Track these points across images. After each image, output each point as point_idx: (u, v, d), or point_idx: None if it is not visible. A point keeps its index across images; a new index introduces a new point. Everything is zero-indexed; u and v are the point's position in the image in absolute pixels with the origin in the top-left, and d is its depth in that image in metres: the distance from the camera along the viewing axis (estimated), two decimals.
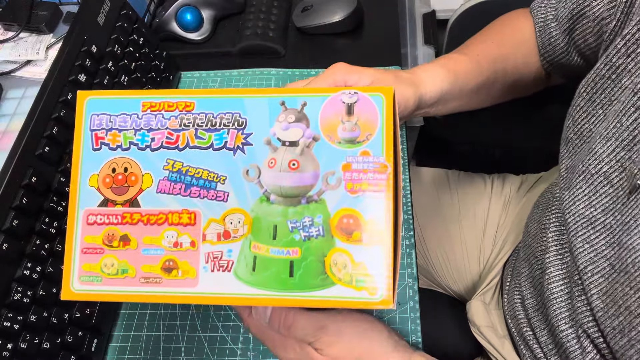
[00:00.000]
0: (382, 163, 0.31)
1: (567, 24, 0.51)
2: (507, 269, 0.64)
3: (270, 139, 0.32)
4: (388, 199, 0.31)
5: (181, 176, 0.33)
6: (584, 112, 0.46)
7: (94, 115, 0.33)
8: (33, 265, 0.41)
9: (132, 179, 0.33)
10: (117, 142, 0.33)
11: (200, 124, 0.32)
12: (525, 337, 0.54)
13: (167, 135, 0.33)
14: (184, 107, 0.33)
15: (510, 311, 0.58)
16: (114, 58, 0.54)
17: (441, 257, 0.71)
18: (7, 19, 0.67)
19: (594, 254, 0.42)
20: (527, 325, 0.54)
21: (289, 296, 0.31)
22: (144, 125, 0.33)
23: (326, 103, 0.32)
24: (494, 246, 0.69)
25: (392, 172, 0.31)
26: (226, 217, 0.32)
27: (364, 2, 0.72)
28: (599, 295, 0.41)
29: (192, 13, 0.70)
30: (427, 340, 0.47)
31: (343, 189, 0.31)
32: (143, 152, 0.33)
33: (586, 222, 0.43)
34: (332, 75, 0.46)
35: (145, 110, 0.33)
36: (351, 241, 0.31)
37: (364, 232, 0.31)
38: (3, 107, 0.62)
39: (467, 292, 0.71)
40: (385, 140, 0.31)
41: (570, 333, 0.46)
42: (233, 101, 0.32)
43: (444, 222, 0.72)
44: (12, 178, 0.41)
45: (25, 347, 0.39)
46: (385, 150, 0.31)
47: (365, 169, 0.31)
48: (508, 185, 0.73)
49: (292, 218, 0.32)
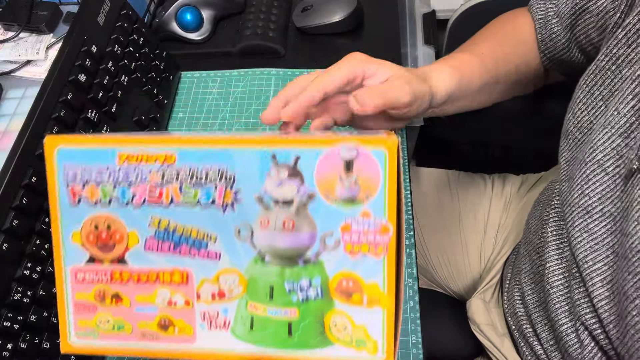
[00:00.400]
0: (383, 225, 0.29)
1: (569, 20, 0.51)
2: (507, 268, 0.64)
3: (262, 197, 0.29)
4: (390, 262, 0.29)
5: (169, 234, 0.31)
6: (584, 104, 0.46)
7: (67, 165, 0.31)
8: (33, 265, 0.41)
9: (117, 237, 0.31)
10: (95, 197, 0.31)
11: (184, 178, 0.30)
12: (525, 335, 0.54)
13: (149, 190, 0.30)
14: (164, 159, 0.30)
15: (510, 309, 0.59)
16: (114, 58, 0.54)
17: (441, 257, 0.71)
18: (7, 19, 0.67)
19: (594, 243, 0.42)
20: (527, 322, 0.54)
21: (288, 354, 0.30)
22: (122, 179, 0.30)
23: (322, 158, 0.28)
24: (494, 246, 0.69)
25: (394, 234, 0.29)
26: (220, 276, 0.31)
27: (364, 2, 0.72)
28: (603, 284, 0.41)
29: (192, 13, 0.70)
30: (427, 340, 0.47)
31: (342, 251, 0.29)
32: (125, 208, 0.31)
33: (582, 211, 0.43)
34: (348, 64, 0.43)
35: (122, 162, 0.30)
36: (351, 303, 0.30)
37: (364, 295, 0.29)
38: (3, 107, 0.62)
39: (467, 291, 0.71)
40: (387, 200, 0.28)
41: (569, 327, 0.46)
42: (219, 154, 0.29)
43: (444, 222, 0.72)
44: (12, 178, 0.41)
45: (25, 347, 0.39)
46: (388, 211, 0.29)
47: (365, 230, 0.29)
48: (508, 186, 0.73)
49: (289, 279, 0.30)
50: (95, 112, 0.50)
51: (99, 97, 0.51)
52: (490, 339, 0.60)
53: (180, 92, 0.67)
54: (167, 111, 0.63)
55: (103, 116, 0.51)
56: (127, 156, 0.30)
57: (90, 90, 0.51)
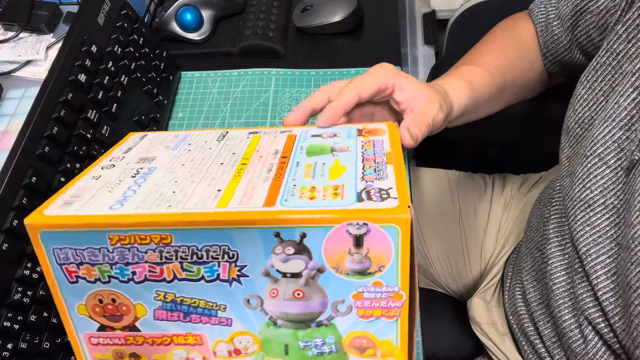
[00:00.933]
0: (396, 292, 0.28)
1: (570, 21, 0.51)
2: (507, 267, 0.64)
3: (268, 271, 0.28)
4: (403, 322, 0.29)
5: (177, 305, 0.30)
6: (584, 100, 0.46)
7: (56, 248, 0.28)
8: (33, 265, 0.41)
9: (124, 309, 0.30)
10: (94, 276, 0.29)
11: (184, 257, 0.28)
12: (527, 333, 0.55)
13: (149, 268, 0.29)
14: (159, 240, 0.28)
15: (511, 308, 0.59)
16: (114, 58, 0.54)
17: (441, 257, 0.71)
18: (7, 19, 0.67)
19: (597, 235, 0.42)
20: (529, 320, 0.54)
21: None
22: (118, 260, 0.28)
23: (329, 236, 0.27)
24: (495, 246, 0.69)
25: (407, 299, 0.28)
26: (234, 338, 0.31)
27: (364, 2, 0.72)
28: (607, 276, 0.41)
29: (192, 13, 0.70)
30: (427, 340, 0.47)
31: (355, 315, 0.29)
32: (127, 284, 0.29)
33: (584, 204, 0.43)
34: (381, 74, 0.42)
35: (115, 243, 0.28)
36: (365, 356, 0.30)
37: (378, 350, 0.30)
38: (3, 107, 0.62)
39: (467, 291, 0.71)
40: (400, 270, 0.28)
41: (573, 322, 0.46)
42: (218, 233, 0.27)
43: (444, 222, 0.72)
44: (12, 178, 0.41)
45: (25, 347, 0.39)
46: (401, 281, 0.28)
47: (378, 298, 0.28)
48: (509, 185, 0.73)
49: (302, 339, 0.30)
50: (95, 112, 0.50)
51: (99, 97, 0.51)
52: (491, 338, 0.60)
53: (180, 92, 0.67)
54: (167, 111, 0.63)
55: (103, 116, 0.51)
56: (118, 238, 0.28)
57: (90, 90, 0.51)
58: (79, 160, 0.47)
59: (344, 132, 0.38)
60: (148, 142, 0.39)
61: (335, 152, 0.34)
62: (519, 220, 0.67)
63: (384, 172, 0.31)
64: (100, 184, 0.32)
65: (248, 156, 0.34)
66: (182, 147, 0.37)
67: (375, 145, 0.34)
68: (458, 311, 0.69)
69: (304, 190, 0.29)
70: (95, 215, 0.28)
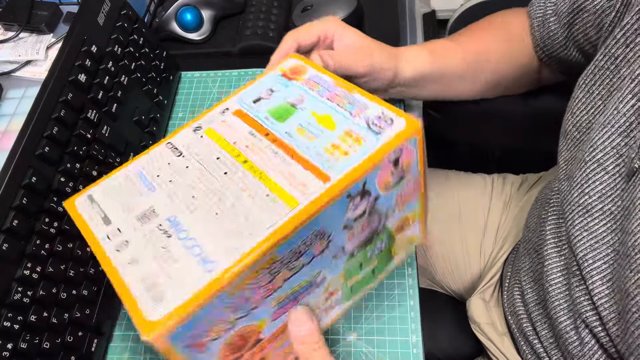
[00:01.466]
0: (418, 178, 0.36)
1: (567, 18, 0.51)
2: (506, 267, 0.64)
3: (346, 224, 0.33)
4: (422, 196, 0.38)
5: (288, 299, 0.33)
6: (582, 103, 0.46)
7: (181, 340, 0.28)
8: (33, 265, 0.41)
9: (249, 334, 0.32)
10: (219, 333, 0.30)
11: (288, 260, 0.30)
12: (526, 333, 0.55)
13: (264, 290, 0.30)
14: (269, 263, 0.29)
15: (510, 308, 0.59)
16: (114, 58, 0.54)
17: (441, 257, 0.71)
18: (7, 19, 0.67)
19: (594, 241, 0.42)
20: (527, 320, 0.54)
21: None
22: (238, 305, 0.29)
23: (380, 172, 0.32)
24: (494, 245, 0.69)
25: (424, 180, 0.36)
26: (329, 287, 0.36)
27: (364, 2, 0.72)
28: (602, 282, 0.41)
29: (192, 13, 0.70)
30: (427, 340, 0.47)
31: (397, 212, 0.36)
32: (247, 315, 0.31)
33: (582, 209, 0.43)
34: (321, 24, 0.48)
35: (232, 296, 0.29)
36: (405, 230, 0.39)
37: (410, 220, 0.39)
38: (3, 107, 0.62)
39: (467, 291, 0.71)
40: (420, 162, 0.35)
41: (569, 324, 0.46)
42: (307, 226, 0.30)
43: (444, 222, 0.72)
44: (12, 178, 0.41)
45: (25, 347, 0.39)
46: (421, 168, 0.35)
47: (409, 189, 0.36)
48: (508, 185, 0.73)
49: (370, 250, 0.36)
50: (95, 112, 0.50)
51: (99, 97, 0.51)
52: (490, 338, 0.60)
53: (180, 92, 0.67)
54: (167, 111, 0.63)
55: (103, 116, 0.51)
56: (233, 289, 0.28)
57: (90, 90, 0.51)
58: (79, 160, 0.47)
59: (273, 83, 0.39)
60: (107, 200, 0.34)
61: (298, 106, 0.36)
62: (518, 220, 0.67)
63: (359, 101, 0.35)
64: (153, 266, 0.30)
65: (236, 153, 0.34)
66: (158, 183, 0.34)
67: (320, 83, 0.37)
68: (458, 311, 0.69)
69: (330, 152, 0.32)
70: (201, 289, 0.27)
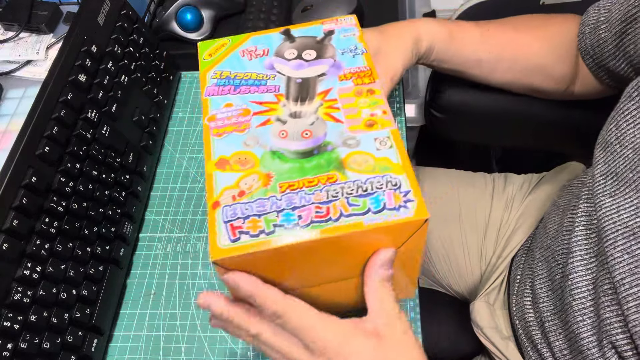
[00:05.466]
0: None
1: (619, 27, 0.50)
2: (515, 270, 0.63)
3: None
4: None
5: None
6: (632, 117, 0.43)
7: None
8: (33, 265, 0.41)
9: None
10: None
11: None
12: (534, 340, 0.53)
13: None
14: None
15: (518, 313, 0.57)
16: (114, 58, 0.54)
17: (442, 257, 0.71)
18: (7, 19, 0.67)
19: (634, 265, 0.41)
20: (538, 328, 0.53)
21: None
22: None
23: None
24: (496, 246, 0.68)
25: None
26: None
27: (364, 2, 0.72)
28: (638, 308, 0.40)
29: (192, 13, 0.70)
30: (427, 340, 0.47)
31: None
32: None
33: (628, 231, 0.42)
34: None
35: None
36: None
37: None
38: (3, 107, 0.62)
39: (468, 291, 0.71)
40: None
41: (593, 341, 0.45)
42: None
43: (445, 222, 0.72)
44: (12, 178, 0.41)
45: (25, 347, 0.39)
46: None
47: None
48: (510, 185, 0.73)
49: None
50: (95, 112, 0.50)
51: (99, 97, 0.51)
52: (494, 343, 0.59)
53: (180, 92, 0.67)
54: (167, 111, 0.63)
55: (103, 116, 0.51)
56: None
57: (90, 90, 0.51)
58: (79, 160, 0.47)
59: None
60: None
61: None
62: (522, 221, 0.67)
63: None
64: None
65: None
66: None
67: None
68: (459, 311, 0.69)
69: None
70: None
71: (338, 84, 0.39)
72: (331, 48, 0.41)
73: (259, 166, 0.35)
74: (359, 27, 0.43)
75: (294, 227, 0.31)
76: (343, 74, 0.39)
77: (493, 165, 1.04)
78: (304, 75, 0.40)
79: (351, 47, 0.41)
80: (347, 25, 0.43)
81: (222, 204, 0.33)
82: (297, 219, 0.32)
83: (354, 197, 0.32)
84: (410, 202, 0.32)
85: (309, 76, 0.39)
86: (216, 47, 0.43)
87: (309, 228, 0.31)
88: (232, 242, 0.31)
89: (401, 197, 0.32)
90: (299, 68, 0.40)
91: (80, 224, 0.46)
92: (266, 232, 0.31)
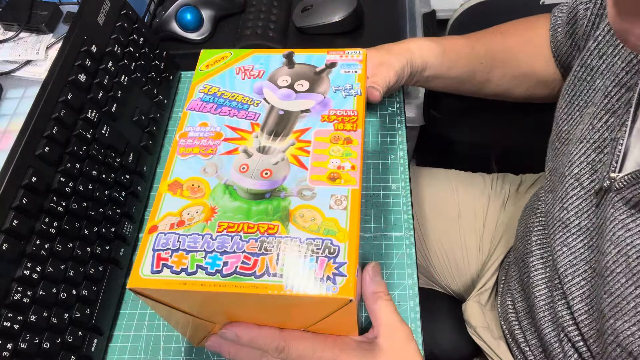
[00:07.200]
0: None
1: (567, 27, 0.51)
2: (501, 271, 0.64)
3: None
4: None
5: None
6: (565, 114, 0.45)
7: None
8: (33, 265, 0.41)
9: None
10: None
11: None
12: (517, 340, 0.54)
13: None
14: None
15: (503, 314, 0.58)
16: (114, 58, 0.54)
17: (441, 257, 0.71)
18: (7, 19, 0.67)
19: (573, 257, 0.42)
20: (519, 328, 0.54)
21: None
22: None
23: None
24: (491, 245, 0.69)
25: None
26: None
27: (364, 2, 0.72)
28: (582, 298, 0.41)
29: (192, 13, 0.70)
30: (427, 340, 0.47)
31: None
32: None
33: (561, 224, 0.43)
34: None
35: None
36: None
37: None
38: (3, 107, 0.62)
39: (466, 291, 0.71)
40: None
41: (554, 336, 0.46)
42: None
43: (444, 222, 0.72)
44: (12, 178, 0.41)
45: (25, 347, 0.39)
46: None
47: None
48: (507, 185, 0.73)
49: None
50: (95, 112, 0.50)
51: (99, 97, 0.51)
52: (486, 342, 0.60)
53: (180, 92, 0.67)
54: (167, 111, 0.63)
55: (103, 116, 0.51)
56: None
57: (90, 90, 0.51)
58: (79, 160, 0.47)
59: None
60: None
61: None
62: (514, 221, 0.67)
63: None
64: None
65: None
66: None
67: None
68: (458, 311, 0.69)
69: None
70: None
71: (319, 124, 0.37)
72: (326, 82, 0.40)
73: (207, 198, 0.34)
74: (364, 63, 0.42)
75: (215, 274, 0.31)
76: (327, 115, 0.38)
77: (492, 165, 1.04)
78: (288, 108, 0.39)
79: (346, 86, 0.40)
80: (352, 60, 0.42)
81: (159, 230, 0.33)
82: (221, 266, 0.31)
83: (285, 256, 0.31)
84: (340, 276, 0.31)
85: (292, 110, 0.38)
86: (216, 58, 0.43)
87: (228, 279, 0.31)
88: (153, 273, 0.31)
89: (332, 268, 0.31)
90: (286, 99, 0.39)
91: (80, 224, 0.46)
92: (188, 271, 0.31)
